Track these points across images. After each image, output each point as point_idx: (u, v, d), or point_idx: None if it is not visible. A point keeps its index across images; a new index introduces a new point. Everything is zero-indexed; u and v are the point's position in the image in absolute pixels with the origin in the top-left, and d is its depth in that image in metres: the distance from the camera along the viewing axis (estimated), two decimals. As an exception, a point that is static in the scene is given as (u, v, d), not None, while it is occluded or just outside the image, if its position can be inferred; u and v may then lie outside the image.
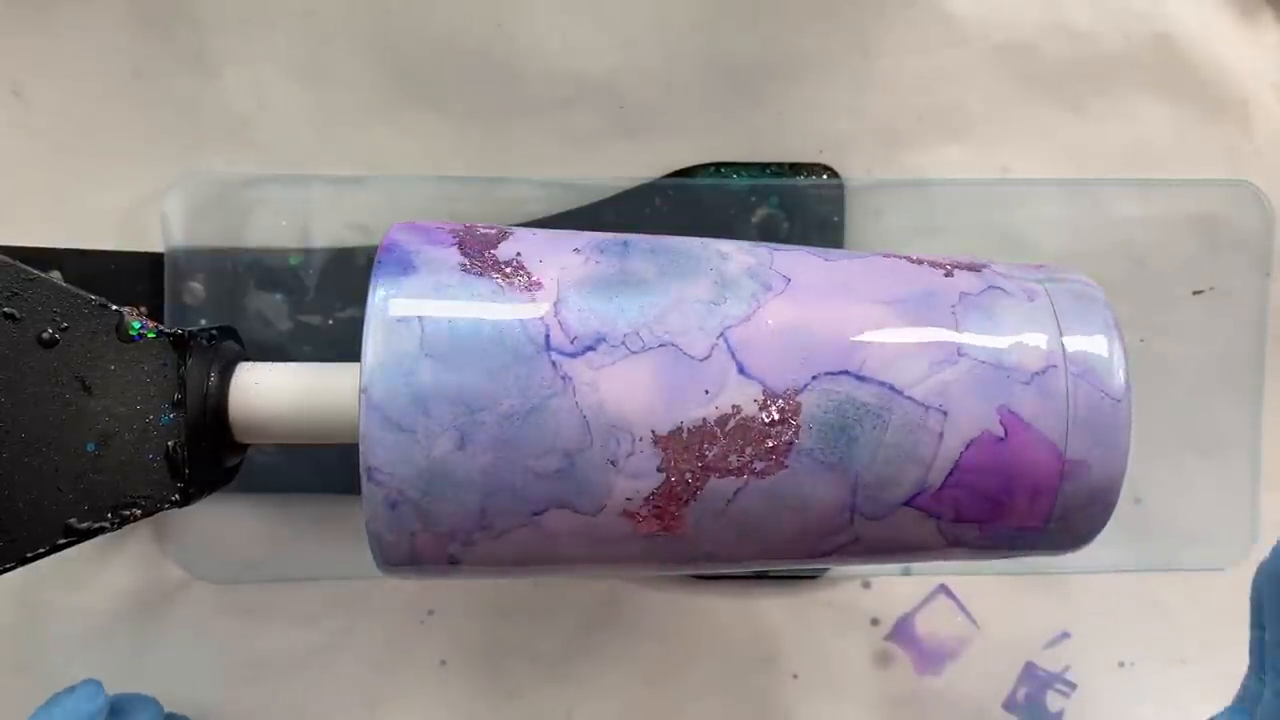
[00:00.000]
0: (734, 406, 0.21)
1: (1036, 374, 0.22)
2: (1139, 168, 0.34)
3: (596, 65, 0.33)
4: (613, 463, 0.21)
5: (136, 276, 0.32)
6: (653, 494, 0.22)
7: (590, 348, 0.21)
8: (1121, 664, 0.35)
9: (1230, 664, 0.36)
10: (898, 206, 0.33)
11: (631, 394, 0.21)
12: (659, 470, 0.21)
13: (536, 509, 0.22)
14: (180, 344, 0.23)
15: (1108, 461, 0.22)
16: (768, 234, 0.33)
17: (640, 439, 0.21)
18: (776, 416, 0.21)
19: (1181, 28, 0.34)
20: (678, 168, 0.33)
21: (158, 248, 0.32)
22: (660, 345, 0.22)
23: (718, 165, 0.33)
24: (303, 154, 0.33)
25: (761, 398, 0.21)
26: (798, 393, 0.22)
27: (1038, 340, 0.23)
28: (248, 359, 0.25)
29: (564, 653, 0.34)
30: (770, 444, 0.21)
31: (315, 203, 0.32)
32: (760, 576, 0.34)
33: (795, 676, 0.35)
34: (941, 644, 0.35)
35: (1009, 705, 0.35)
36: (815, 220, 0.33)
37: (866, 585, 0.35)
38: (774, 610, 0.35)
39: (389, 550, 0.22)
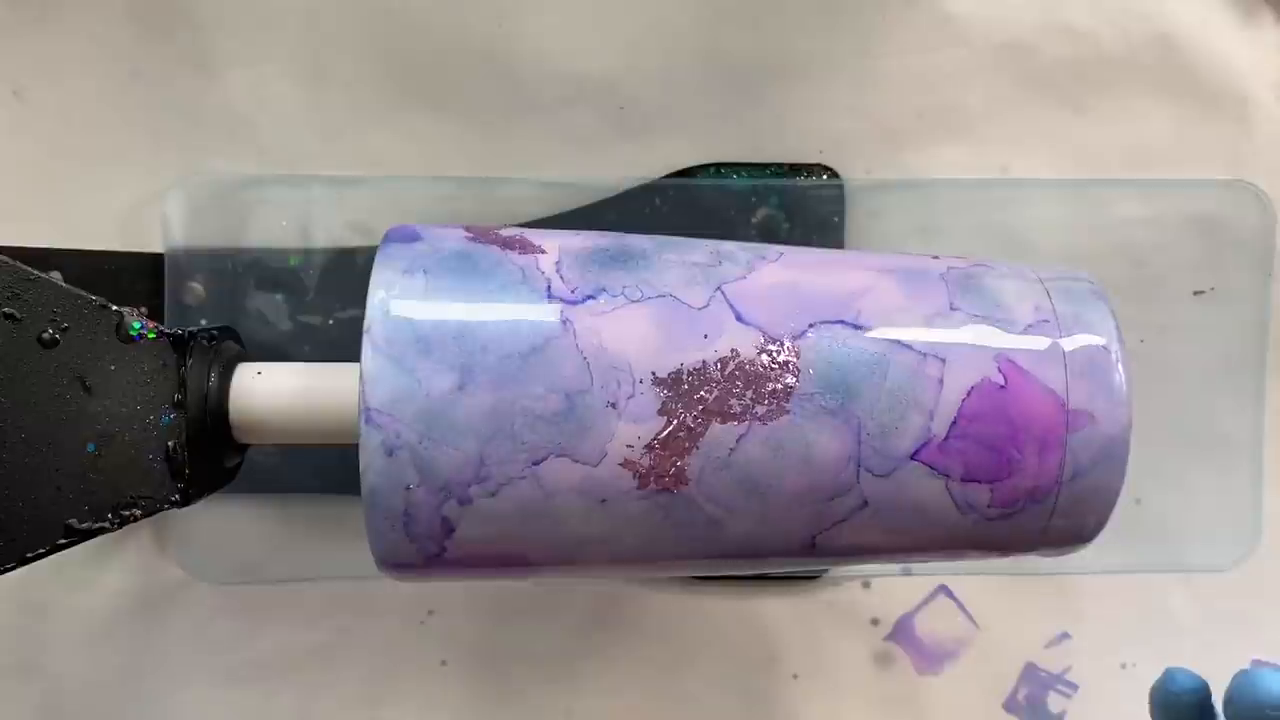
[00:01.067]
0: (733, 350, 0.22)
1: (1029, 325, 0.23)
2: (1139, 168, 0.34)
3: (596, 65, 0.33)
4: (613, 405, 0.21)
5: (136, 276, 0.32)
6: (654, 440, 0.21)
7: (590, 296, 0.22)
8: (1123, 665, 0.35)
9: (1230, 664, 0.36)
10: (898, 206, 0.33)
11: (631, 337, 0.22)
12: (659, 414, 0.21)
13: (536, 458, 0.21)
14: (180, 344, 0.23)
15: (1112, 410, 0.23)
16: (768, 234, 0.33)
17: (640, 380, 0.21)
18: (775, 361, 0.22)
19: (1181, 28, 0.34)
20: (678, 168, 0.33)
21: (158, 248, 0.32)
22: (659, 296, 0.22)
23: (718, 165, 0.33)
24: (303, 154, 0.33)
25: (760, 342, 0.22)
26: (795, 339, 0.22)
27: (1028, 299, 0.24)
28: (248, 359, 0.25)
29: (564, 653, 0.34)
30: (770, 387, 0.22)
31: (315, 203, 0.32)
32: (760, 578, 0.34)
33: (795, 676, 0.35)
34: (941, 644, 0.35)
35: (1009, 706, 0.35)
36: (815, 220, 0.33)
37: (866, 585, 0.35)
38: (774, 610, 0.35)
39: (383, 508, 0.21)
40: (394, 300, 0.22)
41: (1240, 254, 0.34)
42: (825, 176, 0.33)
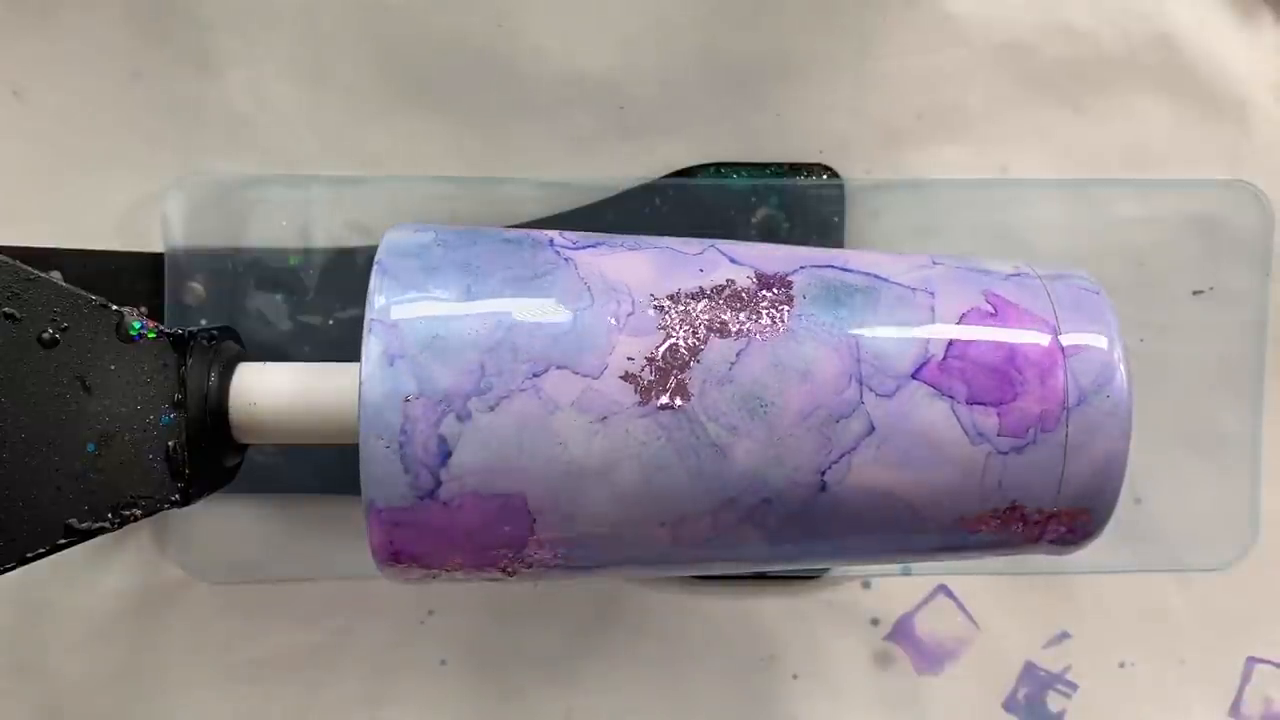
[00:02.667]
0: (728, 279, 0.23)
1: (1011, 275, 0.24)
2: (1139, 168, 0.34)
3: (596, 65, 0.33)
4: (613, 319, 0.22)
5: (136, 276, 0.32)
6: (654, 352, 0.22)
7: (591, 246, 0.24)
8: (1122, 664, 0.35)
9: (1230, 664, 0.36)
10: (898, 206, 0.33)
11: (630, 270, 0.23)
12: (659, 329, 0.22)
13: (536, 369, 0.22)
14: (180, 344, 0.23)
15: (1103, 344, 0.23)
16: (768, 234, 0.33)
17: (639, 301, 0.22)
18: (769, 288, 0.23)
19: (1181, 28, 0.34)
20: (678, 168, 0.33)
21: (158, 248, 0.32)
22: (655, 247, 0.24)
23: (718, 165, 0.33)
24: (303, 154, 0.33)
25: (754, 276, 0.23)
26: (787, 275, 0.23)
27: (1007, 260, 0.25)
28: (248, 359, 0.25)
29: (564, 653, 0.34)
30: (765, 309, 0.23)
31: (315, 203, 0.32)
32: (760, 577, 0.34)
33: (795, 676, 0.35)
34: (941, 644, 0.35)
35: (1009, 705, 0.35)
36: (815, 220, 0.33)
37: (866, 585, 0.35)
38: (774, 610, 0.35)
39: (380, 426, 0.21)
40: (404, 238, 0.23)
41: (1239, 254, 0.34)
42: (825, 176, 0.33)
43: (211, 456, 0.24)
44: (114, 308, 0.23)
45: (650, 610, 0.35)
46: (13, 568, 0.22)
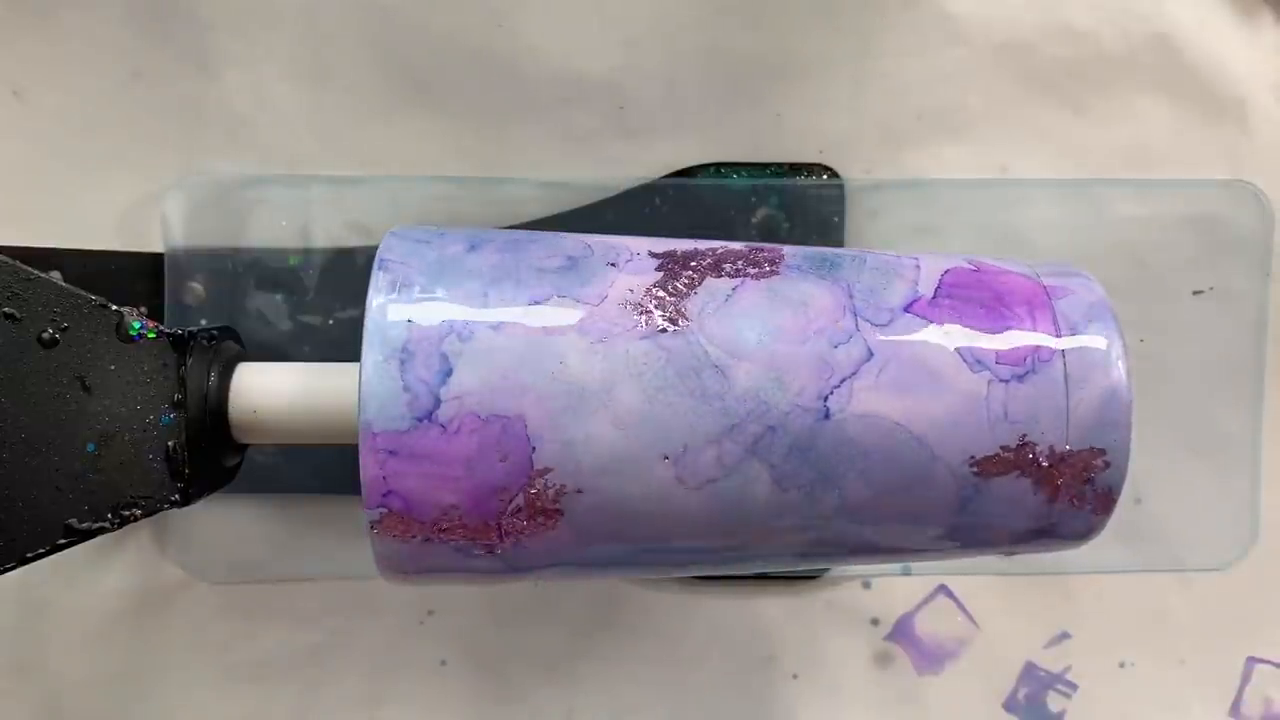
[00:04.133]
0: (722, 245, 0.24)
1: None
2: (1139, 168, 0.34)
3: (596, 65, 0.33)
4: (613, 264, 0.23)
5: (136, 276, 0.32)
6: (654, 285, 0.23)
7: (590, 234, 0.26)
8: (1122, 664, 0.35)
9: (1230, 664, 0.36)
10: (898, 206, 0.33)
11: (630, 239, 0.25)
12: (658, 270, 0.23)
13: (538, 298, 0.22)
14: (180, 344, 0.23)
15: (1088, 290, 0.24)
16: (768, 234, 0.33)
17: (637, 254, 0.24)
18: (762, 254, 0.24)
19: (1181, 28, 0.34)
20: (678, 168, 0.33)
21: (158, 248, 0.32)
22: (653, 237, 0.26)
23: (718, 165, 0.33)
24: (303, 154, 0.33)
25: (748, 247, 0.25)
26: (779, 249, 0.25)
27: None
28: (248, 359, 0.25)
29: (564, 653, 0.34)
30: (759, 260, 0.24)
31: (315, 203, 0.32)
32: (760, 577, 0.34)
33: (795, 676, 0.35)
34: (941, 644, 0.35)
35: (1009, 705, 0.35)
36: (815, 220, 0.33)
37: (866, 585, 0.35)
38: (774, 610, 0.35)
39: (383, 341, 0.21)
40: (408, 229, 0.25)
41: (1239, 254, 0.34)
42: (825, 176, 0.33)
43: (211, 456, 0.24)
44: (114, 308, 0.23)
45: (650, 610, 0.35)
46: (13, 568, 0.22)
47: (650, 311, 0.22)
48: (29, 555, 0.22)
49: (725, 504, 0.22)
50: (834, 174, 0.33)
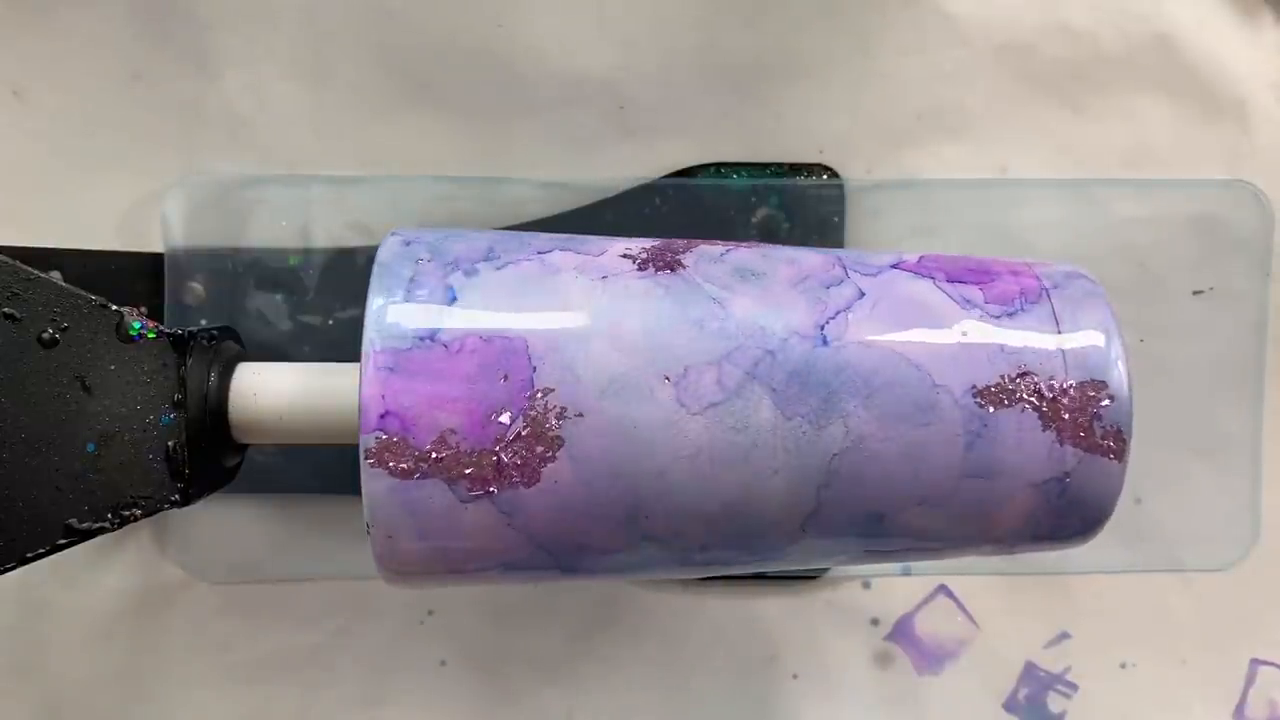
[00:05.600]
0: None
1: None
2: (1139, 168, 0.34)
3: (596, 65, 0.33)
4: (611, 237, 0.25)
5: (136, 276, 0.32)
6: (652, 246, 0.24)
7: None
8: (1122, 665, 0.35)
9: (1230, 664, 0.36)
10: (898, 206, 0.33)
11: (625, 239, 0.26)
12: (654, 240, 0.25)
13: (543, 249, 0.24)
14: (180, 344, 0.23)
15: (1076, 270, 0.25)
16: (768, 234, 0.33)
17: (635, 240, 0.25)
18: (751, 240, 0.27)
19: (1181, 28, 0.34)
20: (678, 168, 0.33)
21: (158, 248, 0.32)
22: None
23: (718, 165, 0.33)
24: (303, 154, 0.33)
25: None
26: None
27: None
28: (248, 359, 0.25)
29: (564, 654, 0.34)
30: (749, 242, 0.25)
31: (315, 203, 0.32)
32: (760, 577, 0.34)
33: (795, 676, 0.35)
34: (941, 644, 0.35)
35: (1009, 706, 0.35)
36: (815, 220, 0.33)
37: (866, 585, 0.35)
38: (774, 610, 0.35)
39: (391, 275, 0.22)
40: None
41: (1240, 254, 0.34)
42: (825, 176, 0.33)
43: (211, 456, 0.24)
44: (114, 308, 0.23)
45: (650, 611, 0.35)
46: (13, 568, 0.22)
47: (648, 263, 0.23)
48: (29, 555, 0.22)
49: (728, 432, 0.22)
50: (834, 174, 0.33)
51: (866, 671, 0.35)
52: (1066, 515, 0.23)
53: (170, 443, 0.23)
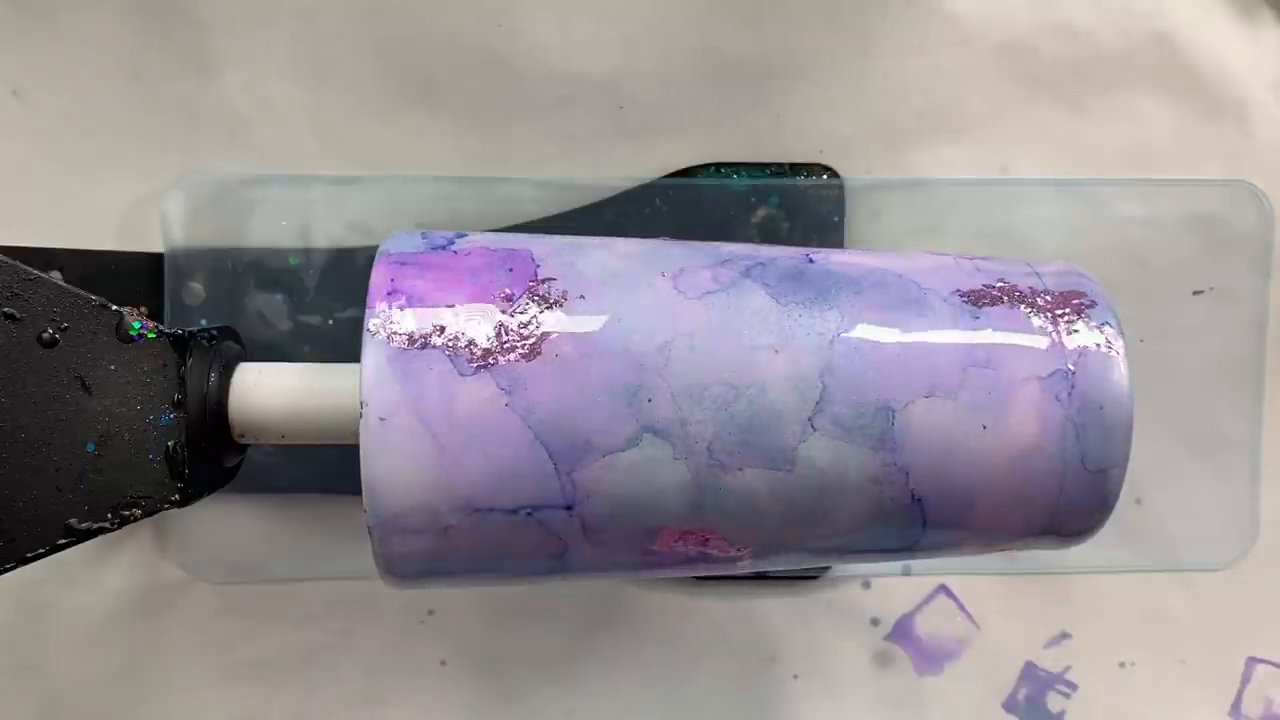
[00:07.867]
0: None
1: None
2: (1139, 168, 0.34)
3: (596, 65, 0.33)
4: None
5: (136, 276, 0.32)
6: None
7: None
8: (1122, 664, 0.35)
9: (1230, 664, 0.36)
10: (898, 206, 0.33)
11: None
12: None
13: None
14: (180, 344, 0.23)
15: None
16: (768, 234, 0.33)
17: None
18: None
19: (1181, 28, 0.34)
20: (678, 168, 0.33)
21: (158, 248, 0.32)
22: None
23: (718, 165, 0.33)
24: (303, 154, 0.33)
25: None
26: None
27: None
28: (248, 359, 0.25)
29: (564, 654, 0.34)
30: None
31: (315, 203, 0.32)
32: (760, 577, 0.34)
33: (795, 676, 0.35)
34: (941, 644, 0.35)
35: (1009, 705, 0.35)
36: (815, 220, 0.33)
37: (866, 585, 0.35)
38: (774, 610, 0.35)
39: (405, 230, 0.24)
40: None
41: (1240, 254, 0.34)
42: (825, 176, 0.33)
43: (211, 456, 0.24)
44: (114, 308, 0.23)
45: (650, 611, 0.35)
46: (13, 568, 0.22)
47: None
48: (29, 555, 0.22)
49: (726, 310, 0.22)
50: (834, 174, 0.33)
51: (866, 671, 0.35)
52: (1084, 412, 0.22)
53: (170, 443, 0.23)
